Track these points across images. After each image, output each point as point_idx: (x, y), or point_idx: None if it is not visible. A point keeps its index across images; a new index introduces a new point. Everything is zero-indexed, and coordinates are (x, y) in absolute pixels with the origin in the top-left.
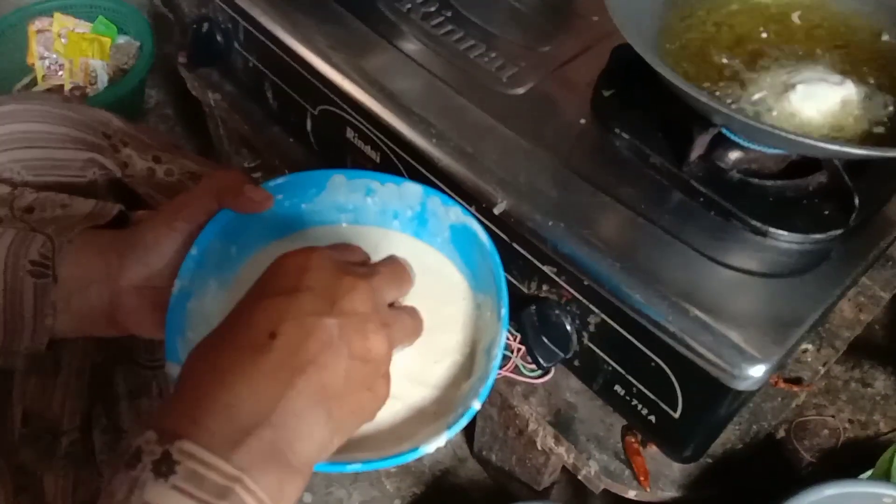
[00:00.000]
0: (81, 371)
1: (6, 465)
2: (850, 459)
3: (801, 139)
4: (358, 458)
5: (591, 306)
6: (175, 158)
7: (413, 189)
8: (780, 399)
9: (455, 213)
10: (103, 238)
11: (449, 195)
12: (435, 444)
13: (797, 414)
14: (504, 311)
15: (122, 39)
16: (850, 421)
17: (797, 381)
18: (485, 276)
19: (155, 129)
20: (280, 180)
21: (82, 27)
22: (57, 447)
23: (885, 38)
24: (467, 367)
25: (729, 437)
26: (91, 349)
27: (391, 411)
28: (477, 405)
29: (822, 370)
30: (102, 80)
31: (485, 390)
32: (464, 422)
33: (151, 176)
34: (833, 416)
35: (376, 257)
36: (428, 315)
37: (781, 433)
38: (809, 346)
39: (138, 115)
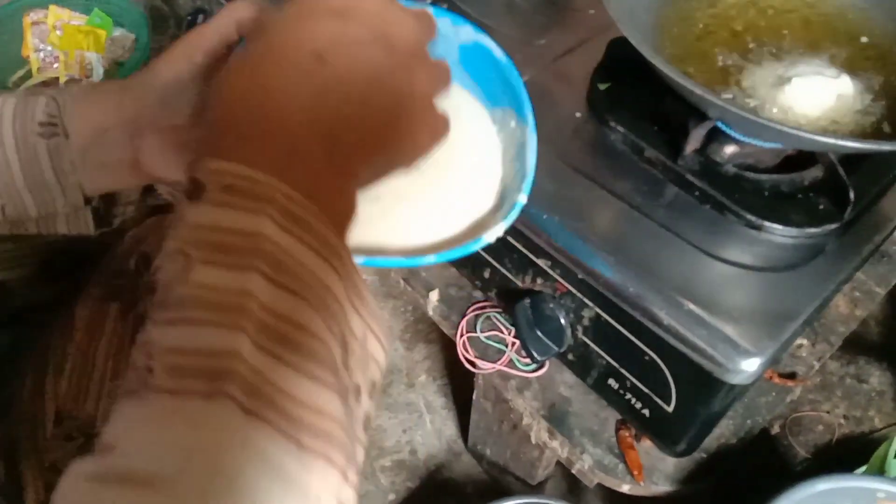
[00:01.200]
0: (116, 372)
1: (38, 464)
2: (845, 455)
3: (794, 132)
4: (428, 253)
5: (586, 300)
6: None
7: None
8: (774, 394)
9: (466, 32)
10: (112, 85)
11: (460, 15)
12: (494, 235)
13: (792, 409)
14: (530, 115)
15: (117, 32)
16: (846, 417)
17: (792, 375)
18: (501, 90)
19: None
20: None
21: (78, 19)
22: (90, 448)
23: (870, 38)
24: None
25: (723, 431)
26: (126, 350)
27: (429, 221)
28: (523, 198)
29: (817, 365)
30: (98, 72)
31: (528, 184)
32: (514, 215)
33: None
34: (828, 412)
35: None
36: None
37: (777, 428)
38: (804, 342)
39: None
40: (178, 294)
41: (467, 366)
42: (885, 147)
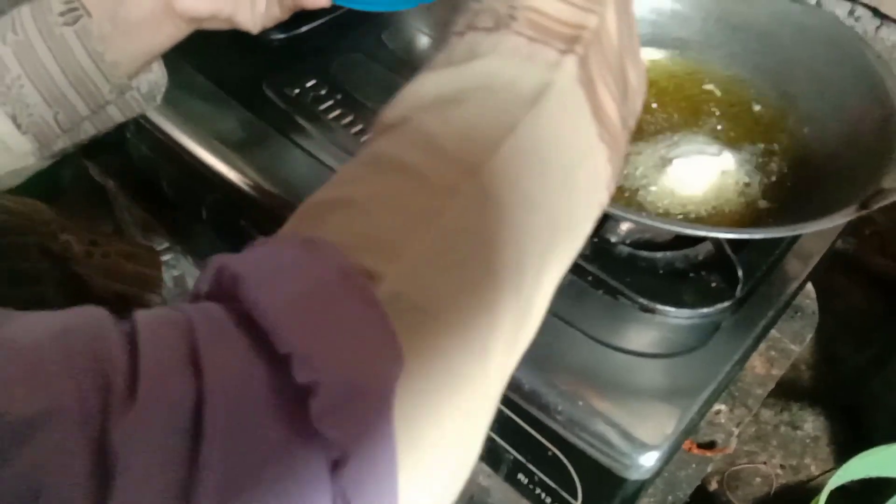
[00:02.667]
0: None
1: None
2: None
3: (656, 224)
4: None
5: None
6: (110, 241)
7: None
8: (694, 465)
9: None
10: None
11: None
12: None
13: (729, 464)
14: None
15: None
16: (783, 466)
17: (711, 445)
18: None
19: (83, 219)
20: None
21: None
22: None
23: (756, 108)
24: None
25: None
26: None
27: None
28: None
29: (736, 431)
30: None
31: None
32: None
33: (90, 258)
34: (765, 463)
35: None
36: None
37: (714, 485)
38: (722, 407)
39: (51, 197)
40: None
41: None
42: (756, 236)
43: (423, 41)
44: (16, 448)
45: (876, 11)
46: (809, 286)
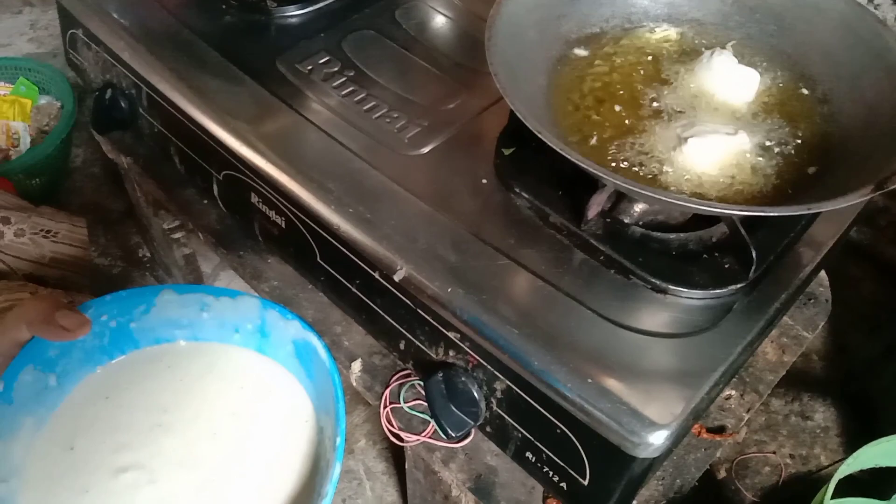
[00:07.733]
0: None
1: None
2: (792, 497)
3: (672, 200)
4: None
5: (496, 372)
6: (27, 217)
7: (250, 302)
8: (703, 450)
9: (295, 328)
10: None
11: (288, 309)
12: None
13: (738, 452)
14: (340, 441)
15: (43, 100)
16: (792, 455)
17: (720, 429)
18: (326, 395)
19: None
20: (102, 300)
21: (3, 89)
22: None
23: (773, 89)
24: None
25: (652, 493)
26: None
27: None
28: None
29: (747, 416)
30: (25, 141)
31: None
32: None
33: (0, 238)
34: (774, 452)
35: (213, 374)
36: (272, 441)
37: (723, 473)
38: (733, 393)
39: (64, 175)
40: None
41: (392, 439)
42: (772, 213)
43: (437, 19)
44: None
45: None
46: (823, 274)
